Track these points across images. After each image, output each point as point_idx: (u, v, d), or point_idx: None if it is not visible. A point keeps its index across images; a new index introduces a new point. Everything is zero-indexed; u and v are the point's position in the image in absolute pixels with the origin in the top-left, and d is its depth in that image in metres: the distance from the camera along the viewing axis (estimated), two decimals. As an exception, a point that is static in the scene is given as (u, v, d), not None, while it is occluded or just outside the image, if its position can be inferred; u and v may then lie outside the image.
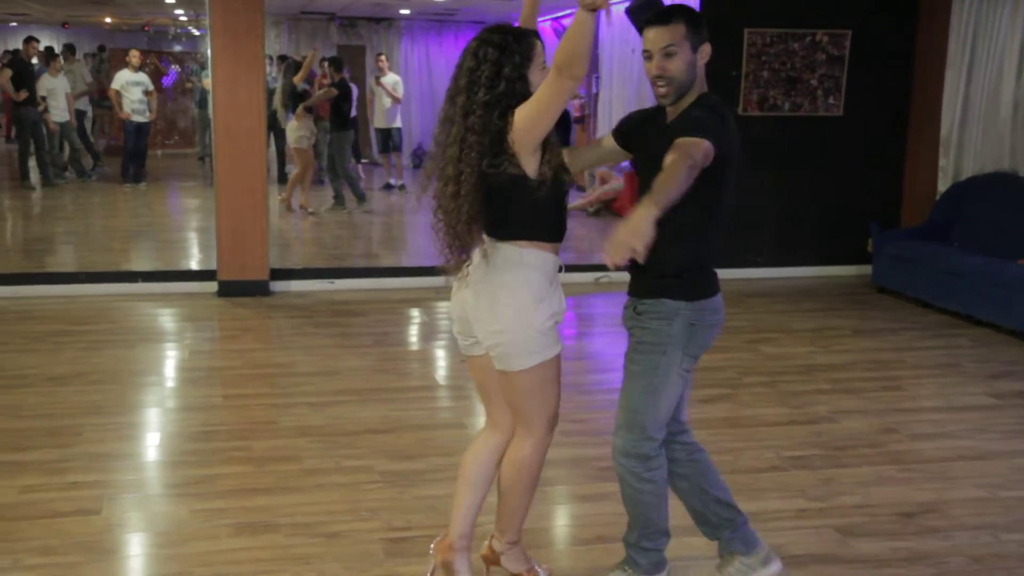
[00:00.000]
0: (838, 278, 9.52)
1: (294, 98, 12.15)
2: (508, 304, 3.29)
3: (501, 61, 3.20)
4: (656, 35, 3.26)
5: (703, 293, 3.42)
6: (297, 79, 12.16)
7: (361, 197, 12.82)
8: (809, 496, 4.55)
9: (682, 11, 3.31)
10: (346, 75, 12.74)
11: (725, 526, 3.66)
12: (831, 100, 9.32)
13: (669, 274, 3.33)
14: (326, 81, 14.35)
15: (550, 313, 3.33)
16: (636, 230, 2.75)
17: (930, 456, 5.10)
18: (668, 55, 3.24)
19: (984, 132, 8.65)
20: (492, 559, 3.69)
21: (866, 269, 9.34)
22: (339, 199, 12.72)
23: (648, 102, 14.07)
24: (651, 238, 2.75)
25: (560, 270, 3.40)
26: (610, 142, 3.63)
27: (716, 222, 3.41)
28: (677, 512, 4.35)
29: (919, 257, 8.33)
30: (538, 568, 3.71)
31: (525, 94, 3.19)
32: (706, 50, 3.30)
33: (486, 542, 3.71)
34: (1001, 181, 8.37)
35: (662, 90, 3.29)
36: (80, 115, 14.22)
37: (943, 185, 9.02)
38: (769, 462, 4.95)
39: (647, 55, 3.27)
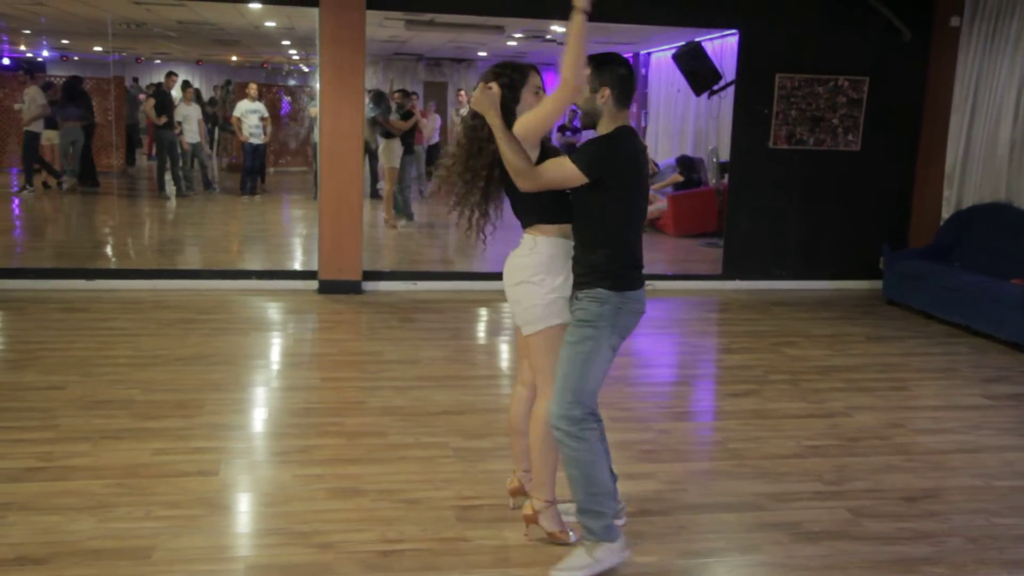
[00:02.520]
0: (853, 291, 9.37)
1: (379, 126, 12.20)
2: (518, 281, 3.56)
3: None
4: None
5: (627, 286, 3.43)
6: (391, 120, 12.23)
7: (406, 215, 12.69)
8: (825, 480, 4.48)
9: (594, 59, 3.43)
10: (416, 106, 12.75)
11: None
12: (850, 137, 9.18)
13: (598, 271, 3.42)
14: (415, 111, 14.40)
15: (551, 288, 3.49)
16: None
17: (932, 448, 4.99)
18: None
19: (983, 168, 8.51)
20: (532, 519, 3.71)
21: (877, 284, 9.21)
22: (408, 213, 12.64)
23: (689, 136, 13.96)
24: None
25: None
26: None
27: (617, 232, 3.44)
28: (708, 491, 4.31)
29: (924, 274, 8.18)
30: (570, 531, 3.71)
31: (508, 106, 3.46)
32: (604, 92, 3.39)
33: (527, 502, 3.73)
34: (997, 210, 8.24)
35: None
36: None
37: (947, 212, 8.88)
38: (791, 450, 4.87)
39: None
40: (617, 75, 3.39)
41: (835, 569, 3.59)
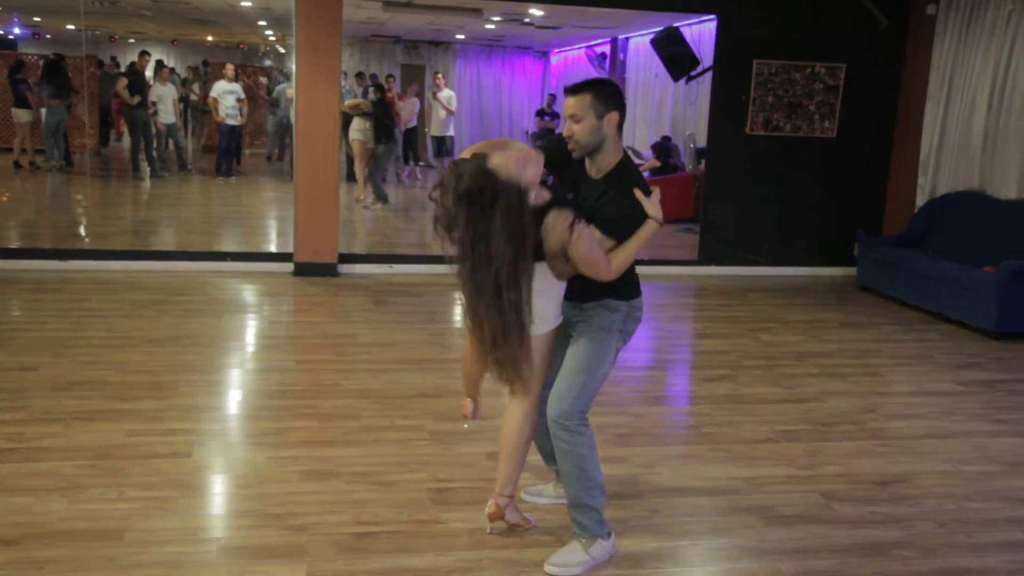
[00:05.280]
0: (828, 277, 9.43)
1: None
2: None
3: None
4: (568, 103, 3.31)
5: (633, 294, 3.47)
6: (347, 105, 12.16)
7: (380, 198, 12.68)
8: (798, 465, 4.51)
9: (591, 85, 3.31)
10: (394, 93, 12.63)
11: None
12: (826, 124, 9.22)
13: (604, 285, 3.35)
14: (391, 94, 14.33)
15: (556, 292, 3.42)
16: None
17: (903, 433, 5.04)
18: (575, 120, 3.29)
19: (958, 156, 8.57)
20: (497, 515, 3.60)
21: (852, 270, 9.27)
22: (383, 196, 12.54)
23: (666, 121, 13.95)
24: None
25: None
26: None
27: None
28: (682, 475, 4.33)
29: (898, 261, 8.24)
30: (528, 517, 3.70)
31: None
32: (613, 117, 3.29)
33: (491, 501, 3.61)
34: (971, 198, 8.30)
35: (571, 147, 3.35)
36: None
37: (921, 200, 8.94)
38: (764, 434, 4.90)
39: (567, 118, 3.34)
40: (620, 98, 3.33)
41: (807, 552, 3.62)
